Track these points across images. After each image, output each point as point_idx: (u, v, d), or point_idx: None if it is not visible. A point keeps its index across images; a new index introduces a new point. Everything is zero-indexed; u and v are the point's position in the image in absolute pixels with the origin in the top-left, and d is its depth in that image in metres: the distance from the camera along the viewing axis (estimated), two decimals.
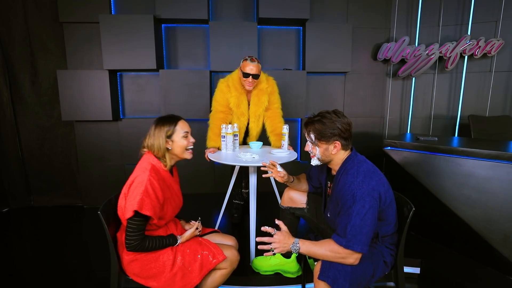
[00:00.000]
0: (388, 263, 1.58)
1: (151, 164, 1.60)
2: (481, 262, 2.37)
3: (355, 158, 1.55)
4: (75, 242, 2.80)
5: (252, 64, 2.47)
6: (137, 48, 3.32)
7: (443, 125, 3.91)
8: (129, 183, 1.55)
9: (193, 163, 3.69)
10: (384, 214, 1.52)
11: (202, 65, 3.73)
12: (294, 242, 1.46)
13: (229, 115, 2.62)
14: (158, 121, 1.67)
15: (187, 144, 1.70)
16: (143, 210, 1.46)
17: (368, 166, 1.52)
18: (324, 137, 1.54)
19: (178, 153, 1.70)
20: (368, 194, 1.40)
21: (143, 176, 1.53)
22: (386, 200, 1.49)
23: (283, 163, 2.18)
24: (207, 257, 1.62)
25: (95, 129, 3.53)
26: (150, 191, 1.50)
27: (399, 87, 4.02)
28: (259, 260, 2.18)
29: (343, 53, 3.67)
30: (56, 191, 3.66)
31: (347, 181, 1.46)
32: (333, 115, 1.55)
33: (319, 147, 1.58)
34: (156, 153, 1.64)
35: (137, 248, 1.50)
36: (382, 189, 1.47)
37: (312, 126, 1.58)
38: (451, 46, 3.57)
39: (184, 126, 1.70)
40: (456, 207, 2.34)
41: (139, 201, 1.45)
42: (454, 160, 2.33)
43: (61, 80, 3.28)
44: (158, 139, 1.62)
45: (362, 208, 1.38)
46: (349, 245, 1.38)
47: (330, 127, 1.52)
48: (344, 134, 1.54)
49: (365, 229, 1.38)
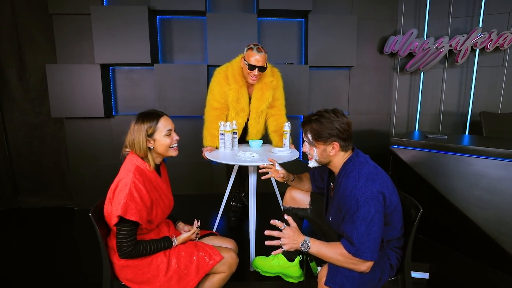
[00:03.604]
0: (393, 265, 1.58)
1: (135, 165, 1.57)
2: (492, 266, 2.37)
3: (356, 159, 1.54)
4: (65, 245, 2.79)
5: (259, 54, 2.35)
6: (131, 41, 3.30)
7: (453, 123, 3.90)
8: (113, 187, 1.53)
9: (190, 162, 3.70)
10: (389, 219, 1.51)
11: (199, 59, 3.72)
12: (304, 240, 1.45)
13: (225, 111, 2.56)
14: (138, 118, 1.62)
15: (170, 142, 1.66)
16: (128, 215, 1.44)
17: (370, 168, 1.50)
18: (322, 137, 1.53)
19: (161, 152, 1.66)
20: (373, 198, 1.40)
21: (127, 179, 1.50)
22: (391, 203, 1.48)
23: (284, 162, 2.18)
24: (203, 259, 1.61)
25: (86, 126, 3.52)
26: (134, 195, 1.47)
27: (407, 82, 4.01)
28: (261, 260, 2.17)
29: (347, 46, 3.66)
30: (45, 191, 3.65)
31: (348, 186, 1.45)
32: (331, 115, 1.54)
33: (317, 148, 1.57)
34: (138, 153, 1.61)
35: (131, 254, 1.50)
36: (386, 192, 1.46)
37: (309, 126, 1.57)
38: (462, 39, 3.56)
39: (167, 123, 1.66)
40: (467, 208, 2.34)
41: (123, 206, 1.43)
42: (465, 159, 2.32)
43: (50, 75, 3.27)
44: (138, 137, 1.58)
45: (367, 214, 1.37)
46: (358, 254, 1.37)
47: (328, 127, 1.52)
48: (342, 135, 1.53)
49: (372, 236, 1.37)
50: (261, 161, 2.14)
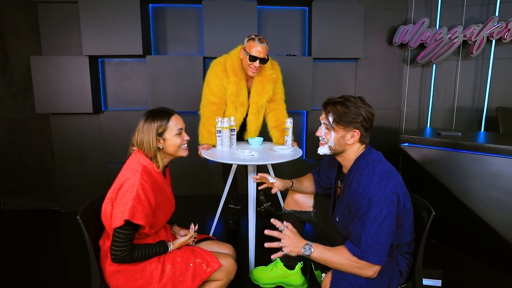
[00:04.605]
0: (403, 272, 1.57)
1: (142, 165, 1.58)
2: (509, 273, 2.36)
3: (369, 156, 1.54)
4: (50, 251, 2.79)
5: (261, 45, 2.38)
6: (121, 31, 3.29)
7: (468, 119, 3.90)
8: (116, 187, 1.52)
9: (185, 162, 3.69)
10: (400, 222, 1.51)
11: (195, 51, 3.71)
12: (307, 243, 1.45)
13: (223, 106, 2.56)
14: (148, 116, 1.64)
15: (181, 142, 1.68)
16: (135, 219, 1.44)
17: (385, 166, 1.50)
18: (344, 121, 1.53)
19: (171, 152, 1.68)
20: (386, 198, 1.39)
21: (134, 180, 1.50)
22: (405, 205, 1.48)
23: (286, 161, 2.17)
24: (200, 266, 1.61)
25: (74, 123, 3.51)
26: (142, 197, 1.48)
27: (418, 75, 4.00)
28: (259, 271, 2.18)
29: (354, 36, 3.65)
30: (29, 193, 3.64)
31: (361, 184, 1.45)
32: (358, 100, 1.55)
33: (336, 132, 1.56)
34: (146, 153, 1.62)
35: (124, 259, 1.49)
36: (400, 192, 1.46)
37: (333, 107, 1.56)
38: (477, 29, 3.55)
39: (178, 122, 1.68)
40: (483, 211, 2.33)
41: (130, 209, 1.43)
42: (480, 158, 2.32)
43: (35, 67, 3.26)
44: (148, 136, 1.60)
45: (379, 215, 1.37)
46: (364, 256, 1.37)
47: (354, 112, 1.52)
48: (366, 124, 1.53)
49: (382, 238, 1.36)
50: (261, 160, 2.13)
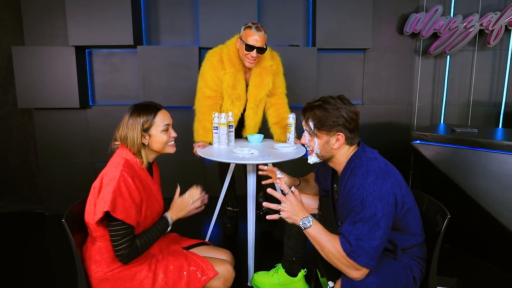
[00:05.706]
0: (417, 278, 1.57)
1: (125, 159, 1.59)
2: None
3: (363, 155, 1.54)
4: (34, 256, 2.79)
5: (258, 34, 2.39)
6: (110, 20, 3.29)
7: (484, 114, 3.89)
8: (97, 186, 1.52)
9: (179, 161, 3.69)
10: (403, 223, 1.50)
11: (190, 41, 3.71)
12: (307, 216, 1.47)
13: (219, 100, 2.57)
14: (134, 110, 1.65)
15: (167, 139, 1.70)
16: (117, 213, 1.44)
17: (380, 165, 1.50)
18: (325, 126, 1.52)
19: (157, 149, 1.70)
20: (381, 199, 1.39)
21: (115, 172, 1.51)
22: (404, 205, 1.48)
23: (289, 160, 2.16)
24: (195, 274, 1.61)
25: (59, 118, 3.51)
26: (122, 189, 1.48)
27: (431, 67, 4.00)
28: (260, 276, 2.18)
29: (362, 25, 3.65)
30: (11, 194, 3.65)
31: (355, 184, 1.45)
32: (337, 101, 1.53)
33: (319, 138, 1.56)
34: (130, 148, 1.63)
35: (130, 255, 1.50)
36: (398, 193, 1.45)
37: (311, 113, 1.56)
38: (494, 17, 3.53)
39: (165, 117, 1.70)
40: (500, 213, 2.33)
41: (111, 202, 1.43)
42: (498, 156, 2.31)
43: (17, 58, 3.25)
44: (133, 132, 1.61)
45: (373, 216, 1.36)
46: (353, 256, 1.36)
47: (333, 114, 1.51)
48: (349, 125, 1.52)
49: (374, 242, 1.36)
50: (261, 159, 2.12)
